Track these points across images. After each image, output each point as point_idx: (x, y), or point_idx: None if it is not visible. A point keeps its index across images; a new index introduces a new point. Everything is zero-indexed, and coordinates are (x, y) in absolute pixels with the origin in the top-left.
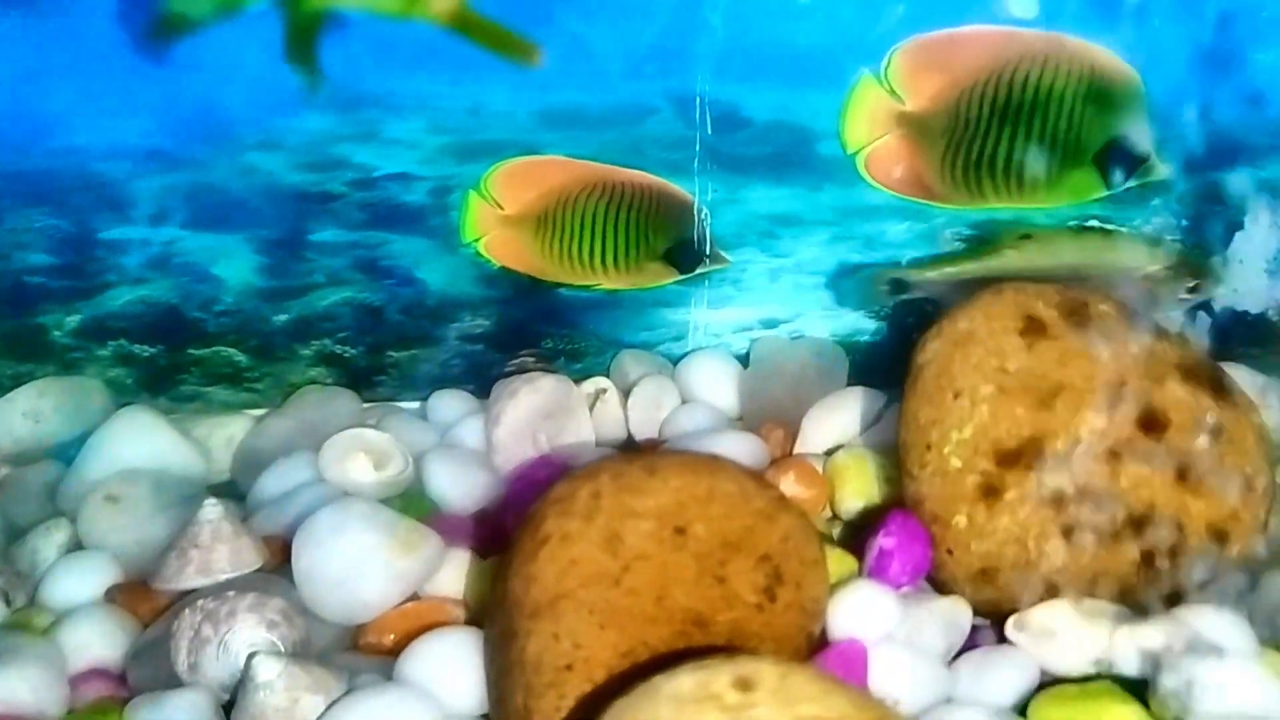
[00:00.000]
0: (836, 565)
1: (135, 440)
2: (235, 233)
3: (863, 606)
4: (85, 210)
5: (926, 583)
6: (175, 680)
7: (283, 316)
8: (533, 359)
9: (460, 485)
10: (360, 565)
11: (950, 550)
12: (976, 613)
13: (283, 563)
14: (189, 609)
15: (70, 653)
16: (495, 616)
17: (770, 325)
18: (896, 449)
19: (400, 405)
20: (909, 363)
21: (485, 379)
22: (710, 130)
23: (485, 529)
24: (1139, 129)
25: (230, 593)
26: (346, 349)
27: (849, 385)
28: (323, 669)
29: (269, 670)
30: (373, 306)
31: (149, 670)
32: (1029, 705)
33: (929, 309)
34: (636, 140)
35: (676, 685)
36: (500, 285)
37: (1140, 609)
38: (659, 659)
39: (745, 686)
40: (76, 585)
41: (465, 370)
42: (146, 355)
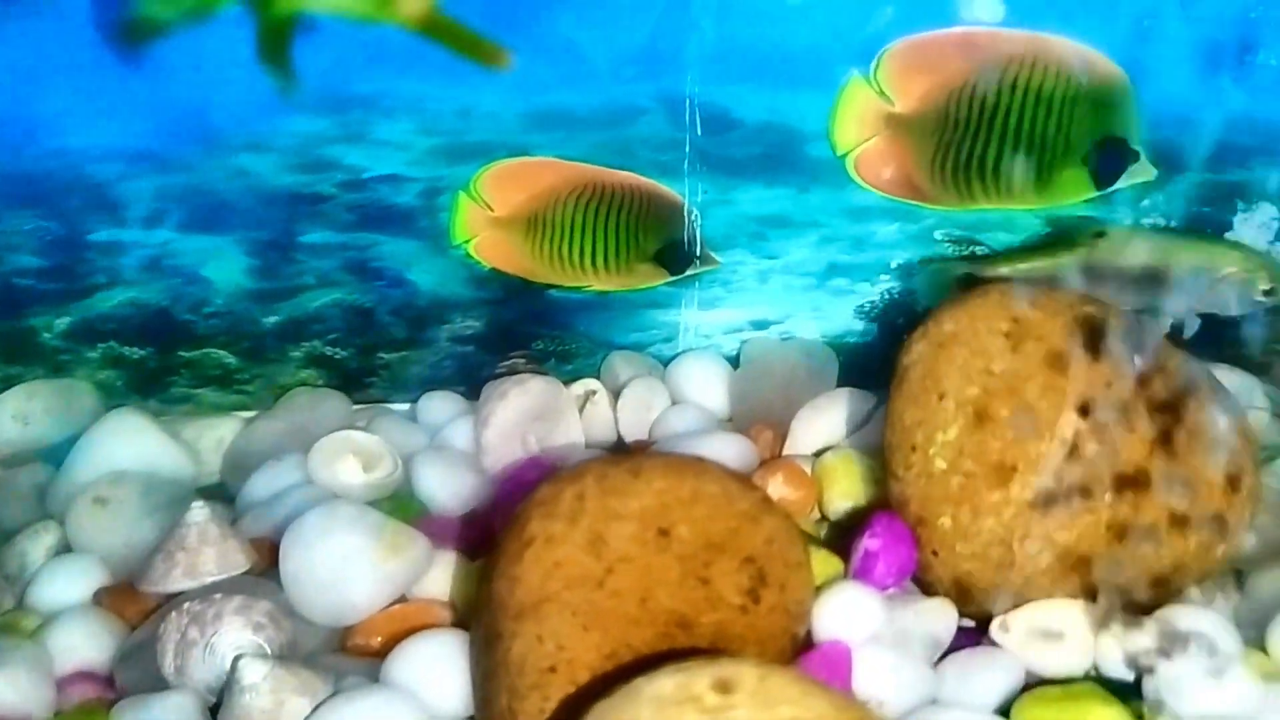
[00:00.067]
0: (822, 567)
1: (124, 442)
2: (225, 234)
3: (847, 608)
4: (75, 212)
5: (913, 584)
6: (162, 683)
7: (273, 318)
8: (523, 360)
9: (449, 487)
10: (347, 567)
11: (935, 552)
12: (962, 614)
13: (271, 565)
14: (175, 611)
15: (58, 655)
16: (480, 618)
17: (760, 326)
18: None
19: (391, 407)
20: (894, 364)
21: (476, 380)
22: (700, 132)
23: (474, 530)
24: (1128, 129)
25: (217, 595)
26: (337, 351)
27: (839, 386)
28: (309, 671)
29: (254, 673)
30: (363, 308)
31: (136, 673)
32: (1012, 707)
33: (919, 309)
34: (626, 141)
35: (657, 687)
36: (490, 287)
37: (1125, 610)
38: (642, 661)
39: (725, 688)
40: (64, 588)
41: (456, 372)
42: (136, 357)
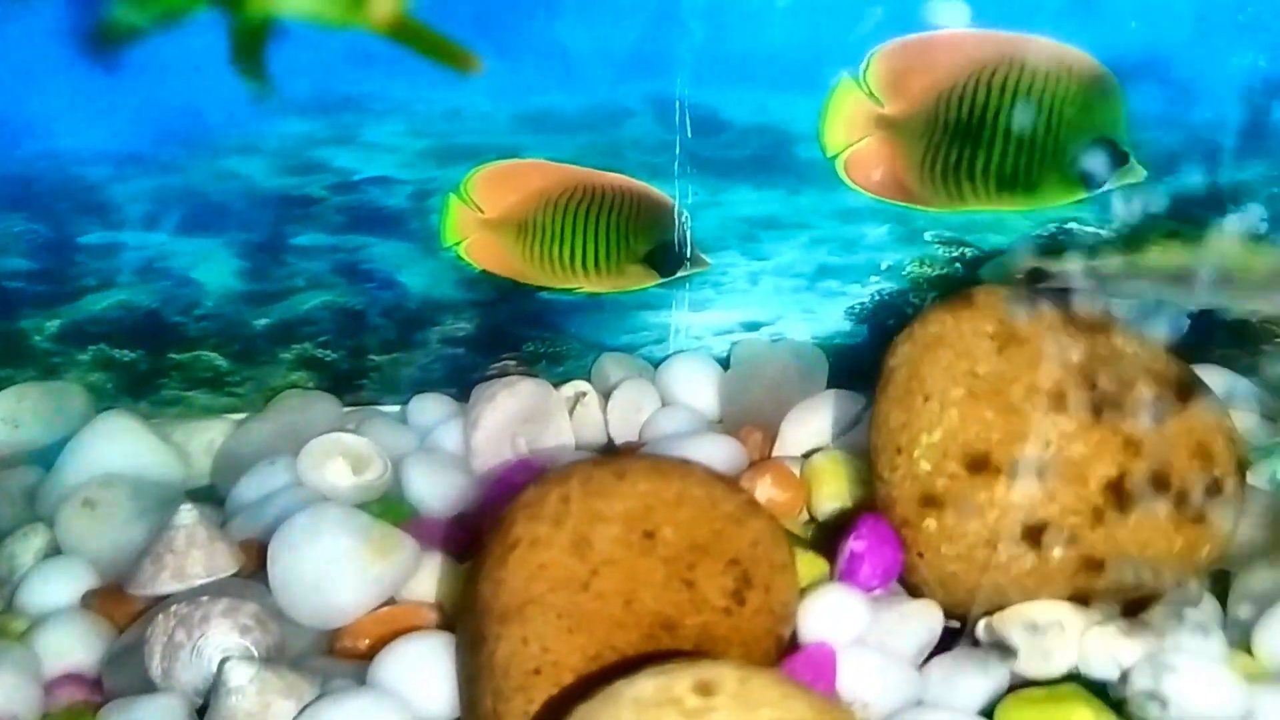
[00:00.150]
0: (809, 568)
1: (114, 445)
2: (216, 237)
3: (832, 610)
4: (65, 215)
5: (900, 585)
6: (150, 685)
7: (263, 320)
8: (514, 362)
9: (439, 489)
10: (335, 570)
11: (921, 553)
12: (948, 615)
13: (260, 567)
14: (163, 614)
15: (46, 658)
16: (466, 621)
17: (751, 328)
18: None
19: (381, 409)
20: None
21: (467, 382)
22: (690, 133)
23: (463, 532)
24: (1117, 130)
25: (204, 598)
26: (328, 353)
27: (829, 388)
28: (295, 673)
29: (240, 675)
30: (354, 310)
31: (124, 675)
32: (995, 708)
33: (909, 310)
34: (616, 143)
35: (637, 689)
36: (481, 289)
37: (1111, 612)
38: (627, 663)
39: (706, 691)
40: (53, 590)
41: (447, 374)
42: (127, 360)
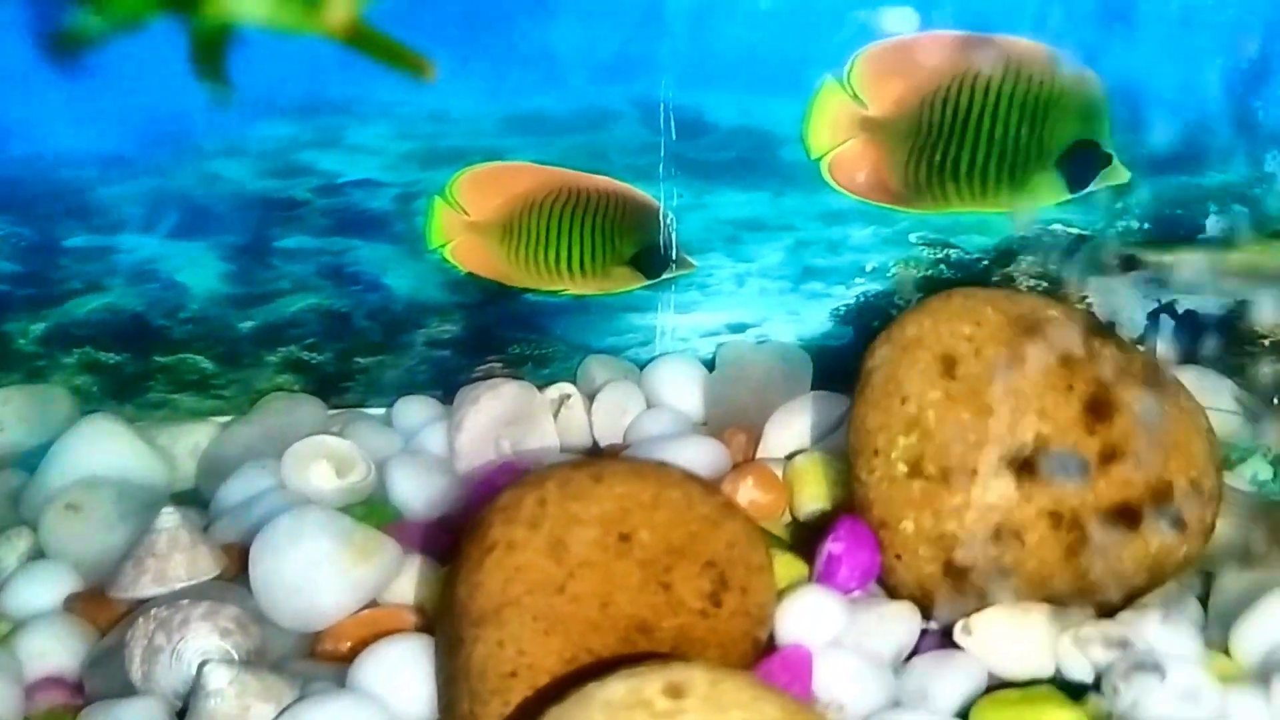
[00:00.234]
0: (788, 570)
1: (98, 448)
2: (200, 240)
3: (810, 612)
4: (49, 218)
5: (879, 587)
6: (130, 689)
7: (249, 323)
8: (500, 365)
9: (422, 492)
10: (316, 572)
11: (899, 555)
12: (925, 617)
13: (242, 570)
14: (143, 617)
15: (27, 661)
16: (444, 623)
17: (737, 330)
18: None
19: (367, 411)
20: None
21: (453, 385)
22: (675, 136)
23: (446, 535)
24: (1101, 133)
25: (184, 601)
26: (313, 355)
27: (814, 390)
28: (274, 676)
29: (219, 678)
30: (339, 313)
31: (104, 679)
32: (970, 710)
33: (894, 312)
34: (601, 146)
35: (608, 692)
36: (467, 291)
37: (1087, 613)
38: (603, 665)
39: (676, 693)
40: (35, 594)
41: (432, 376)
42: (112, 363)
